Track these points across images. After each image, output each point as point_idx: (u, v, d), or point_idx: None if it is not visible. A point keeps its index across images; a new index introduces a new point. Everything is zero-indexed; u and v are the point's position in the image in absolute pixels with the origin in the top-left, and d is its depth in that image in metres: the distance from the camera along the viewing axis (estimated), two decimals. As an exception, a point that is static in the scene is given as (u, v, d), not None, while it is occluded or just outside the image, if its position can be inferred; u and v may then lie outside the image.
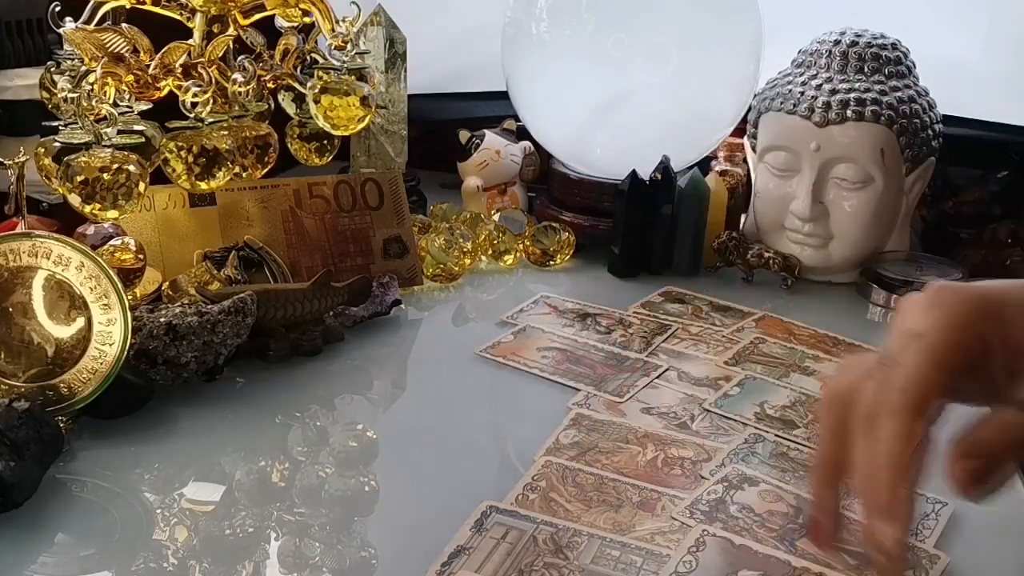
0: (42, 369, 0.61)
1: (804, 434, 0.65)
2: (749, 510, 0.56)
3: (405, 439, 0.65)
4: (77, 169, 0.67)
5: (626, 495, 0.57)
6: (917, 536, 0.54)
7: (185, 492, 0.57)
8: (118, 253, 0.73)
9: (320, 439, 0.64)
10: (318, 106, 0.82)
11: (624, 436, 0.64)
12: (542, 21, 0.95)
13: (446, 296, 0.90)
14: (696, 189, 0.94)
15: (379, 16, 0.98)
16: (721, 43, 0.95)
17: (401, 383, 0.75)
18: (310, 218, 0.85)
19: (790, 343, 0.80)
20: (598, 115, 0.96)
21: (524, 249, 0.96)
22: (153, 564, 0.50)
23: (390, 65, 1.00)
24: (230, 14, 0.80)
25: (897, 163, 0.88)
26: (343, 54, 0.83)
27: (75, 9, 0.75)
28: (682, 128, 0.96)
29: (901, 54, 0.91)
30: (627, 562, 0.51)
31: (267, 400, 0.68)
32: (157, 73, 0.76)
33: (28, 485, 0.54)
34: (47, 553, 0.51)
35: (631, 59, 0.92)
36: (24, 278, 0.61)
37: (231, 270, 0.76)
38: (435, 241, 0.90)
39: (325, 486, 0.58)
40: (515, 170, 1.08)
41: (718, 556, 0.51)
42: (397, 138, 1.03)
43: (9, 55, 0.89)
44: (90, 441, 0.61)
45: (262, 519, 0.55)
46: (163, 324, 0.64)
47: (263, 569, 0.51)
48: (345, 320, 0.78)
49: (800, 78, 0.91)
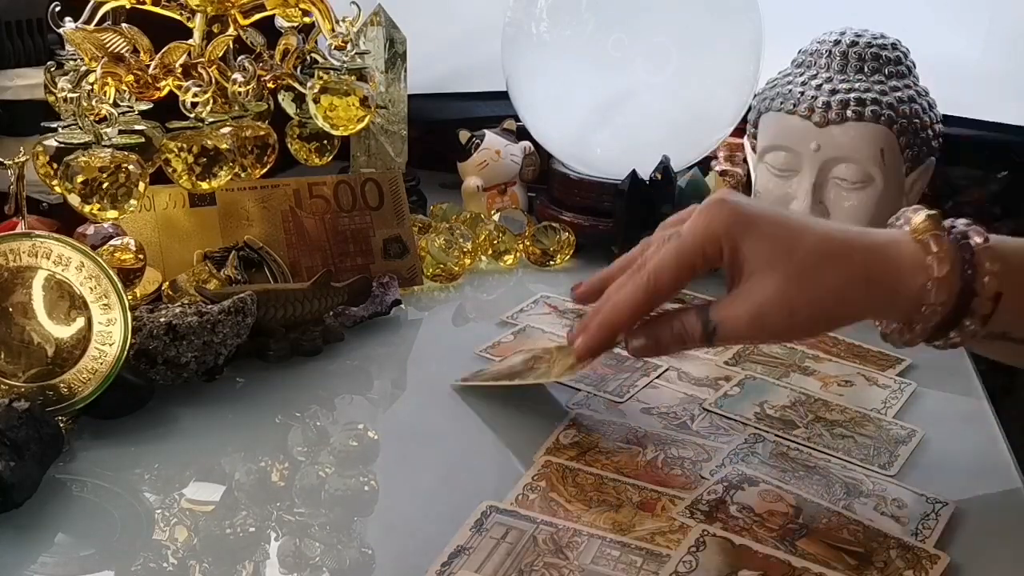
0: (42, 369, 0.61)
1: (804, 434, 0.65)
2: (749, 510, 0.56)
3: (405, 439, 0.65)
4: (77, 169, 0.67)
5: (626, 495, 0.57)
6: (917, 536, 0.54)
7: (185, 492, 0.57)
8: (118, 253, 0.73)
9: (320, 439, 0.64)
10: (318, 106, 0.82)
11: (624, 436, 0.64)
12: (542, 21, 0.95)
13: (446, 296, 0.90)
14: (696, 189, 0.94)
15: (379, 16, 0.98)
16: (721, 43, 0.95)
17: (401, 383, 0.75)
18: (310, 218, 0.85)
19: (790, 343, 0.80)
20: (598, 115, 0.96)
21: (524, 249, 0.96)
22: (153, 564, 0.50)
23: (390, 65, 1.00)
24: (230, 14, 0.80)
25: (897, 163, 0.88)
26: (343, 54, 0.83)
27: (75, 9, 0.75)
28: (682, 128, 0.96)
29: (901, 54, 0.90)
30: (627, 562, 0.51)
31: (267, 400, 0.68)
32: (157, 73, 0.76)
33: (28, 485, 0.54)
34: (47, 553, 0.51)
35: (631, 59, 0.92)
36: (24, 278, 0.61)
37: (231, 270, 0.76)
38: (435, 241, 0.90)
39: (325, 486, 0.58)
40: (515, 170, 1.08)
41: (718, 556, 0.51)
42: (397, 138, 1.03)
43: (9, 55, 0.89)
44: (90, 441, 0.61)
45: (262, 519, 0.55)
46: (163, 324, 0.64)
47: (263, 569, 0.51)
48: (345, 320, 0.78)
49: (800, 78, 0.91)
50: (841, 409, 0.69)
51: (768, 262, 0.53)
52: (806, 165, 0.89)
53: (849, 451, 0.63)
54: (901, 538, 0.54)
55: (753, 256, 0.53)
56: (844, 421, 0.67)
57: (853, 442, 0.64)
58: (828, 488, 0.59)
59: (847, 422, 0.67)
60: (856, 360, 0.77)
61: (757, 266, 0.53)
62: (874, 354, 0.79)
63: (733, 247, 0.54)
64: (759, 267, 0.53)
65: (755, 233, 0.53)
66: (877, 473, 0.61)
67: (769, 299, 0.53)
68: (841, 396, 0.71)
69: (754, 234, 0.53)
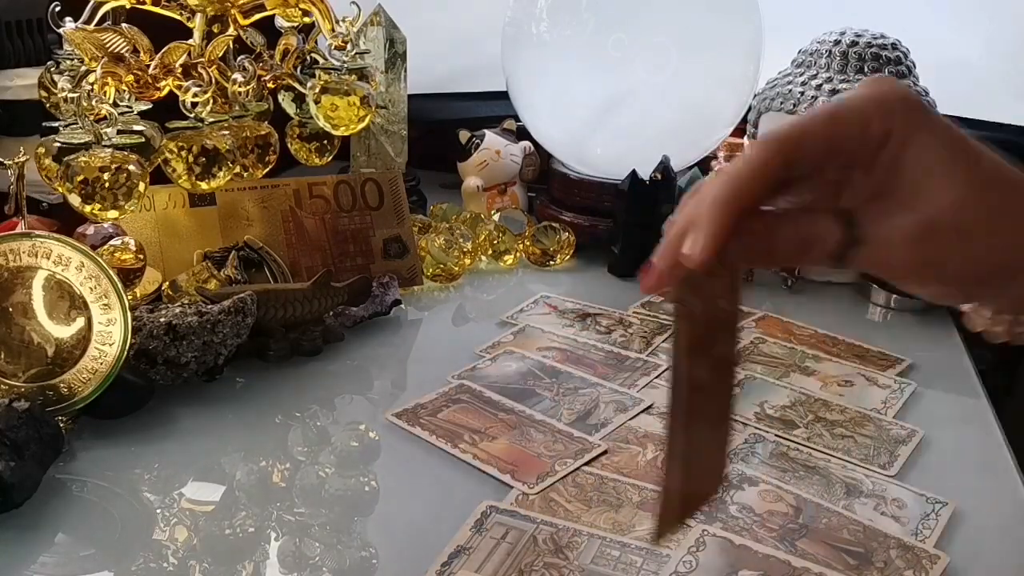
0: (42, 369, 0.61)
1: (804, 434, 0.65)
2: (749, 510, 0.56)
3: (405, 439, 0.65)
4: (77, 169, 0.67)
5: (626, 495, 0.57)
6: (917, 536, 0.54)
7: (185, 492, 0.57)
8: (118, 253, 0.73)
9: (320, 439, 0.64)
10: (318, 106, 0.82)
11: (624, 436, 0.64)
12: (542, 21, 0.95)
13: (446, 296, 0.90)
14: (696, 189, 0.93)
15: (379, 16, 0.98)
16: (721, 43, 0.95)
17: (401, 383, 0.75)
18: (310, 218, 0.85)
19: (790, 343, 0.80)
20: (598, 115, 0.96)
21: (524, 249, 0.96)
22: (153, 564, 0.50)
23: (390, 65, 1.00)
24: (230, 14, 0.80)
25: (897, 163, 0.88)
26: (343, 54, 0.83)
27: (75, 9, 0.75)
28: (682, 128, 0.96)
29: (901, 54, 0.91)
30: (627, 562, 0.51)
31: (267, 400, 0.68)
32: (157, 73, 0.76)
33: (28, 485, 0.54)
34: (47, 553, 0.51)
35: (631, 59, 0.92)
36: (24, 278, 0.61)
37: (231, 270, 0.76)
38: (435, 241, 0.90)
39: (325, 486, 0.58)
40: (515, 170, 1.08)
41: (718, 556, 0.51)
42: (397, 138, 1.03)
43: (9, 55, 0.89)
44: (90, 441, 0.61)
45: (262, 519, 0.55)
46: (163, 324, 0.64)
47: (263, 569, 0.51)
48: (345, 320, 0.78)
49: (800, 78, 0.91)
50: (841, 409, 0.69)
51: (949, 162, 0.40)
52: (806, 165, 0.89)
53: (849, 451, 0.63)
54: (901, 538, 0.54)
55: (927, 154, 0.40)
56: (844, 421, 0.67)
57: (853, 442, 0.64)
58: (828, 488, 0.59)
59: (847, 422, 0.67)
60: (856, 360, 0.77)
61: (932, 166, 0.40)
62: (874, 354, 0.79)
63: (904, 137, 0.40)
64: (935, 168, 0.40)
65: (936, 125, 0.41)
66: (877, 473, 0.61)
67: (945, 209, 0.40)
68: (841, 396, 0.71)
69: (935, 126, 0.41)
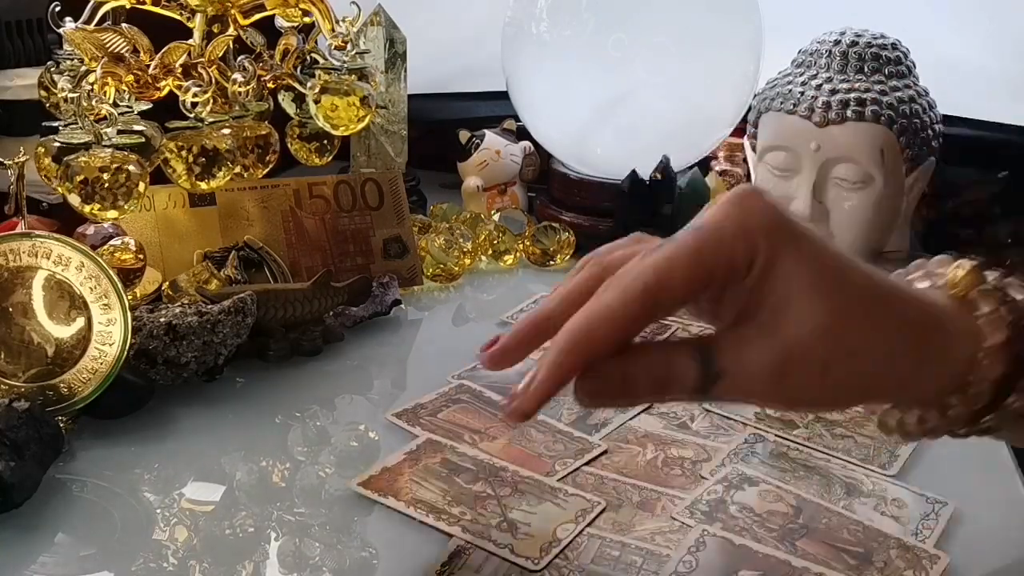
0: (42, 369, 0.61)
1: (804, 434, 0.65)
2: (749, 510, 0.56)
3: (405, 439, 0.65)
4: (77, 169, 0.67)
5: (626, 495, 0.57)
6: (917, 536, 0.54)
7: (185, 492, 0.57)
8: (118, 253, 0.73)
9: (320, 439, 0.64)
10: (318, 106, 0.82)
11: (624, 436, 0.64)
12: (542, 21, 0.95)
13: (446, 296, 0.90)
14: (696, 189, 0.93)
15: (379, 16, 0.98)
16: (721, 43, 0.95)
17: (401, 383, 0.75)
18: (310, 218, 0.85)
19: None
20: (598, 115, 0.95)
21: (524, 249, 0.96)
22: (153, 564, 0.50)
23: (390, 65, 1.00)
24: (230, 14, 0.80)
25: (897, 163, 0.88)
26: (343, 54, 0.83)
27: (75, 9, 0.75)
28: (682, 128, 0.96)
29: (901, 54, 0.90)
30: (627, 562, 0.51)
31: (267, 400, 0.68)
32: (157, 73, 0.76)
33: (28, 485, 0.54)
34: (47, 553, 0.51)
35: (631, 59, 0.92)
36: (24, 278, 0.61)
37: (231, 270, 0.76)
38: (435, 241, 0.90)
39: (325, 486, 0.58)
40: (515, 170, 1.08)
41: (718, 556, 0.51)
42: (397, 138, 1.03)
43: (9, 55, 0.89)
44: (90, 441, 0.61)
45: (262, 519, 0.55)
46: (163, 324, 0.64)
47: (263, 569, 0.51)
48: (345, 320, 0.78)
49: (800, 78, 0.91)
50: (841, 409, 0.69)
51: (812, 290, 0.38)
52: (806, 165, 0.89)
53: (849, 451, 0.63)
54: (901, 538, 0.54)
55: (790, 282, 0.38)
56: (844, 421, 0.67)
57: (853, 442, 0.64)
58: (828, 488, 0.59)
59: (847, 422, 0.67)
60: (856, 360, 0.77)
61: (792, 294, 0.38)
62: (874, 354, 0.78)
63: (770, 258, 0.38)
64: (797, 295, 0.38)
65: (801, 247, 0.38)
66: (877, 473, 0.61)
67: (804, 341, 0.38)
68: (841, 396, 0.71)
69: (800, 248, 0.38)
